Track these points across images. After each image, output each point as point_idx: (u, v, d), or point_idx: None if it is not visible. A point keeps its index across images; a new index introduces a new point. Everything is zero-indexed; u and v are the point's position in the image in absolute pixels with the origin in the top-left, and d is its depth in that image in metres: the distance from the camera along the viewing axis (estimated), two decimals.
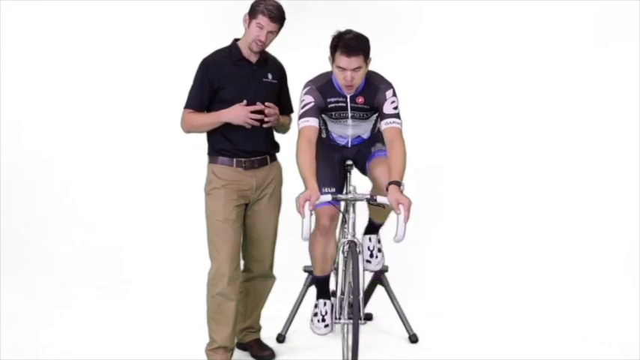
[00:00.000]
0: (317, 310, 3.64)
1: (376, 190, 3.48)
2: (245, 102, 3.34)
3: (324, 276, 3.63)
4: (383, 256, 3.78)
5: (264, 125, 3.40)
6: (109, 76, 5.36)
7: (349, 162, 3.62)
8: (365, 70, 3.25)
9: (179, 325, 4.10)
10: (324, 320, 3.60)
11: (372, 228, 3.77)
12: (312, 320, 3.66)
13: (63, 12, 5.34)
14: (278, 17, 3.30)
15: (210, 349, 3.47)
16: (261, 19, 3.29)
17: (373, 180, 3.53)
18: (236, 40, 3.45)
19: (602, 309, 4.41)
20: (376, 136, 3.55)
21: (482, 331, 4.09)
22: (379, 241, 3.77)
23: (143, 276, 4.88)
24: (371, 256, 3.70)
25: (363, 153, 3.60)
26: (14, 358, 3.68)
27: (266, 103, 3.38)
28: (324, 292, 3.66)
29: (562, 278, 4.84)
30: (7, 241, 5.23)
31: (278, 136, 3.61)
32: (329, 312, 3.61)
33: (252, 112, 3.33)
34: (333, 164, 3.56)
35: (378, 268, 3.81)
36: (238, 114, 3.33)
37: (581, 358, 3.71)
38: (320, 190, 3.18)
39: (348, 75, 3.20)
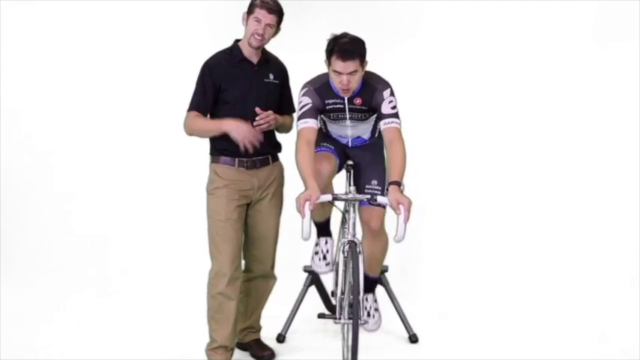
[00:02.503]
0: (318, 248, 3.67)
1: (364, 233, 3.51)
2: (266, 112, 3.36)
3: (324, 221, 3.66)
4: (380, 316, 3.66)
5: (257, 129, 3.39)
6: (109, 76, 5.35)
7: (350, 162, 3.62)
8: (361, 73, 3.25)
9: (179, 325, 4.10)
10: (325, 258, 3.63)
11: (369, 285, 3.62)
12: (312, 258, 3.70)
13: (62, 12, 5.33)
14: (275, 9, 3.30)
15: (211, 349, 3.47)
16: (259, 13, 3.29)
17: (362, 225, 3.51)
18: (237, 40, 3.45)
19: (603, 309, 4.41)
20: (377, 148, 3.50)
21: (482, 331, 4.09)
22: (376, 301, 3.66)
23: (143, 276, 4.88)
24: (368, 315, 3.61)
25: (361, 171, 3.56)
26: (14, 358, 3.68)
27: (258, 110, 3.37)
28: (324, 230, 3.69)
29: (562, 278, 4.84)
30: (7, 241, 5.22)
31: (279, 136, 3.61)
32: (330, 250, 3.65)
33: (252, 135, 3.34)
34: (333, 139, 3.58)
35: (375, 327, 3.66)
36: (240, 131, 3.31)
37: (581, 358, 3.71)
38: (318, 145, 3.18)
39: (345, 79, 3.20)
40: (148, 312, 4.34)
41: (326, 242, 3.68)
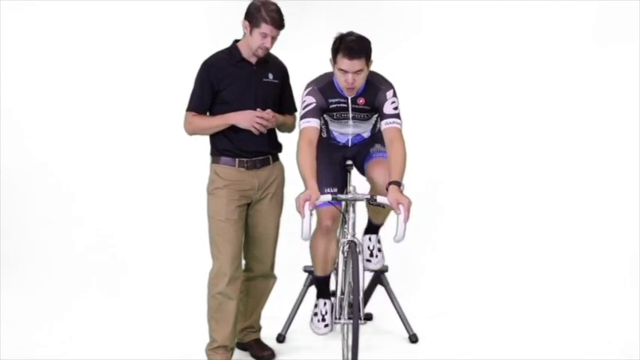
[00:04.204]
0: (317, 309, 3.65)
1: (374, 190, 3.49)
2: (258, 110, 3.37)
3: (324, 276, 3.64)
4: (383, 256, 3.76)
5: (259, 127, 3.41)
6: (109, 76, 5.34)
7: (349, 162, 3.62)
8: (366, 73, 3.25)
9: (179, 325, 4.10)
10: (324, 320, 3.61)
11: (372, 228, 3.75)
12: (311, 320, 3.67)
13: (62, 12, 5.33)
14: (281, 23, 3.30)
15: (211, 349, 3.47)
16: (265, 28, 3.27)
17: (370, 181, 3.52)
18: (236, 41, 3.45)
19: (602, 309, 4.41)
20: (376, 136, 3.56)
21: (482, 330, 4.09)
22: (379, 241, 3.75)
23: (143, 276, 4.88)
24: (371, 255, 3.68)
25: (362, 153, 3.60)
26: (14, 358, 3.68)
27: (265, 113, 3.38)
28: (324, 292, 3.67)
29: (562, 278, 4.84)
30: (7, 242, 5.22)
31: (280, 136, 3.61)
32: (329, 312, 3.62)
33: (258, 117, 3.35)
34: (334, 165, 3.57)
35: (378, 267, 3.77)
36: (247, 117, 3.35)
37: (581, 358, 3.71)
38: (322, 191, 3.20)
39: (350, 77, 3.20)
40: (149, 312, 4.35)
41: (325, 304, 3.65)
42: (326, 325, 3.60)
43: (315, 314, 3.64)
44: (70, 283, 4.81)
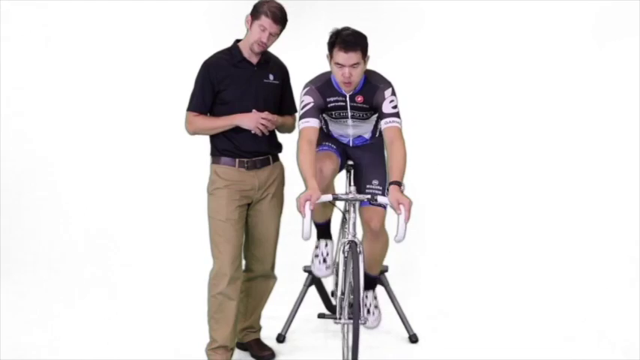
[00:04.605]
0: (318, 251, 3.68)
1: (365, 243, 3.48)
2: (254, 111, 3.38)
3: (324, 222, 3.67)
4: (380, 313, 3.68)
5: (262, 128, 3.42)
6: (109, 76, 5.35)
7: (350, 162, 3.62)
8: (363, 67, 3.26)
9: (179, 325, 4.10)
10: (325, 262, 3.64)
11: (368, 283, 3.64)
12: (312, 261, 3.70)
13: (63, 12, 5.34)
14: (281, 19, 3.31)
15: (211, 349, 3.47)
16: (264, 21, 3.28)
17: (367, 226, 3.48)
18: (237, 41, 3.45)
19: (603, 309, 4.41)
20: (377, 145, 3.52)
21: (482, 330, 4.09)
22: (375, 298, 3.69)
23: (143, 275, 4.88)
24: (368, 312, 3.63)
25: (362, 172, 3.56)
26: (14, 358, 3.68)
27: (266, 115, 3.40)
28: (325, 233, 3.70)
29: (562, 278, 4.84)
30: (8, 241, 5.22)
31: (280, 136, 3.61)
32: (330, 253, 3.66)
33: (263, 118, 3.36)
34: (334, 138, 3.58)
35: (375, 325, 3.68)
36: (251, 118, 3.35)
37: (581, 358, 3.71)
38: (320, 144, 3.20)
39: (347, 71, 3.21)
40: (149, 312, 4.34)
41: (326, 245, 3.68)
42: (327, 268, 3.64)
43: (317, 255, 3.67)
44: (70, 283, 4.82)
